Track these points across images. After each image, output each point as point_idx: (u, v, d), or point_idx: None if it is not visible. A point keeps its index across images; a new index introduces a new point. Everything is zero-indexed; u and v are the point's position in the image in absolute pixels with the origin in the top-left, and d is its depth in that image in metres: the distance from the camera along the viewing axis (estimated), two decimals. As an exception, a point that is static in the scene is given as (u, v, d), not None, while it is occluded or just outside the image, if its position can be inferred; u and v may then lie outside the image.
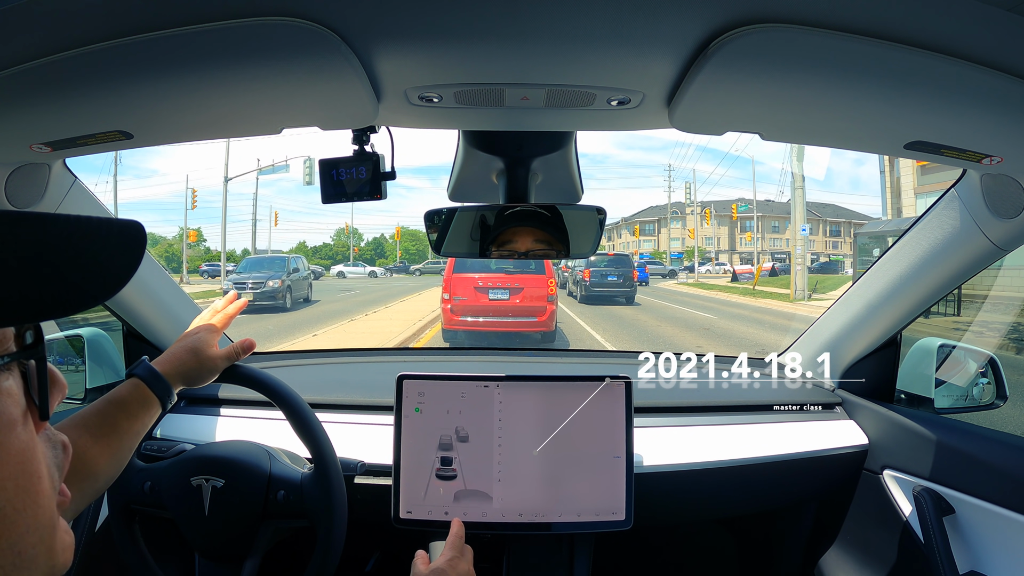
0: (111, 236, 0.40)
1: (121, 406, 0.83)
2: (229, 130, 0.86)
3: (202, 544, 1.03)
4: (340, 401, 1.35)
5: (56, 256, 0.35)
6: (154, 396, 0.86)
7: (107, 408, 0.82)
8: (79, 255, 0.37)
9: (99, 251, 0.39)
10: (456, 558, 0.96)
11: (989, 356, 1.35)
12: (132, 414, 0.83)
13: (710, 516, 1.55)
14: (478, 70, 0.71)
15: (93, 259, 0.38)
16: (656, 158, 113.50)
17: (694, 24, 0.60)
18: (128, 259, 0.40)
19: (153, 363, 0.89)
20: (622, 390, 1.15)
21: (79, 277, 0.37)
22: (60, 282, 0.36)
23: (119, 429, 0.80)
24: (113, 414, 0.81)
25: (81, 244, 0.37)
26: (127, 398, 0.84)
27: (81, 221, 0.37)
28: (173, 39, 0.60)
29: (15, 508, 0.36)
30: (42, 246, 0.35)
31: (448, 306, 8.93)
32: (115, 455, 0.79)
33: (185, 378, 0.92)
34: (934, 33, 0.59)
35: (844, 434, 1.36)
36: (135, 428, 0.83)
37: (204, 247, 50.89)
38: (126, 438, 0.81)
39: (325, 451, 1.02)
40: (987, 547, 1.06)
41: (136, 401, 0.84)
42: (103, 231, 0.39)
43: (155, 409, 0.86)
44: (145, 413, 0.85)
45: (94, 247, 0.38)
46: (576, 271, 16.80)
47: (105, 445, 0.78)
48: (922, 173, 18.62)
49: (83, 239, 0.37)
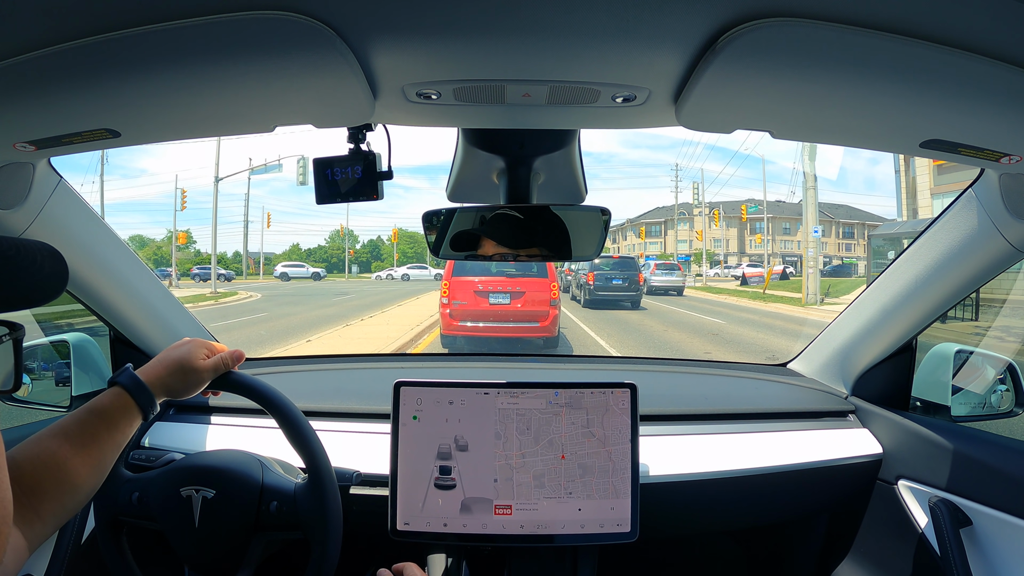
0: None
1: (102, 416, 0.81)
2: (220, 128, 0.84)
3: (192, 557, 1.01)
4: (335, 409, 1.32)
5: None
6: (136, 406, 0.84)
7: (88, 418, 0.80)
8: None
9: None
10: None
11: (1008, 362, 1.32)
12: (113, 424, 0.81)
13: (718, 528, 1.51)
14: (478, 66, 0.69)
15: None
16: (663, 157, 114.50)
17: (703, 18, 0.58)
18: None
19: (138, 372, 0.87)
20: (627, 397, 1.12)
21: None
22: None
23: (100, 440, 0.79)
24: (94, 424, 0.80)
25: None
26: (108, 408, 0.82)
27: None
28: (161, 34, 0.58)
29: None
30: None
31: (447, 311, 8.70)
32: (96, 466, 0.78)
33: (169, 390, 0.90)
34: (950, 28, 0.57)
35: (857, 443, 1.33)
36: (116, 439, 0.81)
37: (195, 249, 51.37)
38: (107, 448, 0.80)
39: (319, 460, 1.00)
40: (1006, 560, 1.04)
41: (118, 411, 0.82)
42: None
43: (137, 420, 0.84)
44: (127, 424, 0.83)
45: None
46: (580, 274, 16.76)
47: (86, 456, 0.76)
48: (939, 173, 18.56)
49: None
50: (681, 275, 23.66)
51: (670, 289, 21.90)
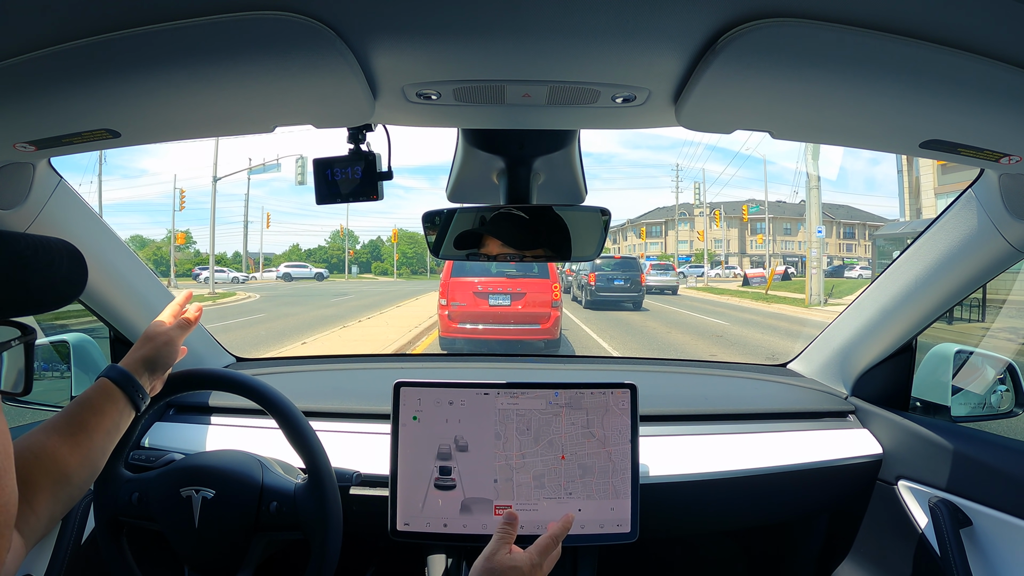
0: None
1: (86, 404, 0.83)
2: (220, 128, 0.84)
3: (192, 557, 1.01)
4: (335, 409, 1.32)
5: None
6: (119, 390, 0.86)
7: (74, 408, 0.83)
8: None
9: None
10: (537, 567, 0.85)
11: (1008, 362, 1.32)
12: (98, 410, 0.83)
13: (718, 528, 1.51)
14: (478, 66, 0.68)
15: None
16: (664, 157, 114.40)
17: (702, 18, 0.58)
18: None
19: (119, 364, 0.90)
20: (627, 397, 1.12)
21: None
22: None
23: (87, 427, 0.81)
24: (79, 412, 0.82)
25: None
26: (92, 396, 0.85)
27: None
28: (162, 34, 0.58)
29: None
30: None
31: (445, 312, 8.48)
32: (87, 455, 0.79)
33: (147, 362, 0.91)
34: (950, 28, 0.57)
35: (857, 443, 1.33)
36: (104, 425, 0.83)
37: (194, 249, 51.33)
38: (96, 436, 0.81)
39: (319, 461, 1.00)
40: (1006, 560, 1.03)
41: (100, 396, 0.85)
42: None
43: (121, 404, 0.86)
44: (112, 408, 0.85)
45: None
46: (581, 275, 16.69)
47: (75, 444, 0.78)
48: (942, 172, 18.49)
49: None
50: (675, 275, 25.52)
51: (665, 288, 23.33)
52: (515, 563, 0.84)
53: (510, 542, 0.88)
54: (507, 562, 0.84)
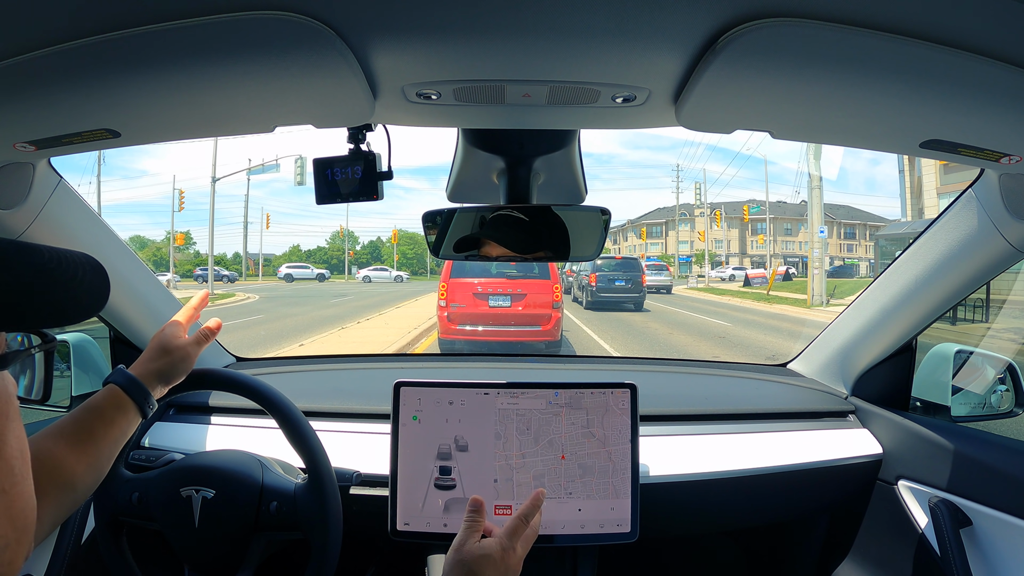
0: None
1: (96, 412, 0.82)
2: (220, 128, 0.83)
3: (192, 557, 1.01)
4: (335, 409, 1.32)
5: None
6: (130, 400, 0.85)
7: (82, 415, 0.81)
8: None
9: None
10: (509, 550, 0.84)
11: (1008, 362, 1.32)
12: (108, 419, 0.82)
13: (718, 528, 1.51)
14: (478, 66, 0.68)
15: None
16: (664, 158, 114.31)
17: (703, 18, 0.58)
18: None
19: (129, 369, 0.89)
20: (627, 397, 1.12)
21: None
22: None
23: (95, 435, 0.80)
24: (89, 420, 0.80)
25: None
26: (102, 404, 0.83)
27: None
28: (161, 34, 0.58)
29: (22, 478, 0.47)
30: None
31: (445, 314, 8.35)
32: (93, 463, 0.78)
33: (160, 375, 0.90)
34: (950, 28, 0.57)
35: (857, 443, 1.32)
36: (112, 434, 0.82)
37: (194, 250, 51.33)
38: (103, 445, 0.80)
39: (319, 461, 0.99)
40: (1006, 560, 1.03)
41: (112, 406, 0.83)
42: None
43: (131, 414, 0.85)
44: (122, 418, 0.83)
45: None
46: (582, 276, 16.68)
47: (81, 452, 0.77)
48: (945, 172, 18.45)
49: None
50: (669, 275, 27.49)
51: (660, 288, 24.76)
52: (485, 551, 0.83)
53: (479, 531, 0.87)
54: (476, 551, 0.83)
